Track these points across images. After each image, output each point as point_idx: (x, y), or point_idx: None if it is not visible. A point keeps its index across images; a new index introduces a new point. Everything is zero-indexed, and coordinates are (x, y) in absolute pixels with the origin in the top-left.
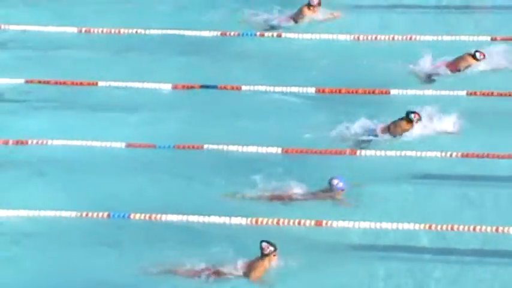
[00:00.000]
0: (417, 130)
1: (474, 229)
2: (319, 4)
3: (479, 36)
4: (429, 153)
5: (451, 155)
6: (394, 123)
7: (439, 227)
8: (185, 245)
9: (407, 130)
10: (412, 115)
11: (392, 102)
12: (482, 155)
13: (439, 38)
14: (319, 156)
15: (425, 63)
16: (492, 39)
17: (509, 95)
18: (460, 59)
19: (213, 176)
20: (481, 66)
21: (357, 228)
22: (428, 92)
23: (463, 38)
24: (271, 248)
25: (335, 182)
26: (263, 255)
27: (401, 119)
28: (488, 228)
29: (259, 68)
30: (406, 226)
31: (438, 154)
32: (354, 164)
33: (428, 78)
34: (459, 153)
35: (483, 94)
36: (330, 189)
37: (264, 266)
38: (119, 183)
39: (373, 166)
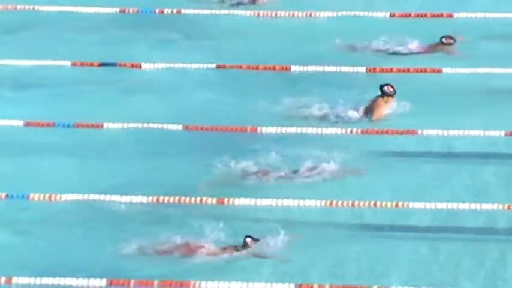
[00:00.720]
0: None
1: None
2: None
3: None
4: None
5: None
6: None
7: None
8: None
9: (386, 106)
10: (385, 87)
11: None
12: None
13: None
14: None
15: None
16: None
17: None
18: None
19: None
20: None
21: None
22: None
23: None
24: (253, 244)
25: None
26: (245, 247)
27: (376, 96)
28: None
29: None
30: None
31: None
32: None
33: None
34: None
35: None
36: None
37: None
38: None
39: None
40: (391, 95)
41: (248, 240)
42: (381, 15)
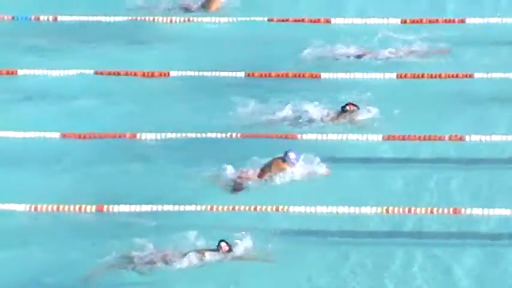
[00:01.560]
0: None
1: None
2: None
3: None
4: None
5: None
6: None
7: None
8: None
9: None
10: (347, 107)
11: (322, 86)
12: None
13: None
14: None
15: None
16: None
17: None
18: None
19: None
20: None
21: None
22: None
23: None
24: (227, 249)
25: (292, 155)
26: (218, 251)
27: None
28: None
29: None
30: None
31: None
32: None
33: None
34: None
35: (413, 76)
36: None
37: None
38: None
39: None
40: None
41: (223, 244)
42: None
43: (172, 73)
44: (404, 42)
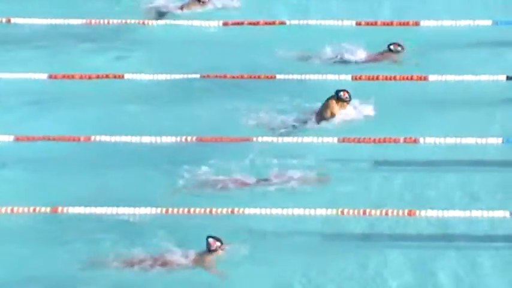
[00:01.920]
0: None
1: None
2: None
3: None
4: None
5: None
6: (323, 106)
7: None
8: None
9: (337, 111)
10: (341, 93)
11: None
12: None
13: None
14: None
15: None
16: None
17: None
18: (383, 53)
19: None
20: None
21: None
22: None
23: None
24: (218, 244)
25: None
26: (210, 251)
27: (330, 98)
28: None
29: None
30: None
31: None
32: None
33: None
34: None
35: (368, 78)
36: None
37: (213, 259)
38: None
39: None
40: (346, 101)
41: (211, 240)
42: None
43: (127, 75)
44: (358, 45)
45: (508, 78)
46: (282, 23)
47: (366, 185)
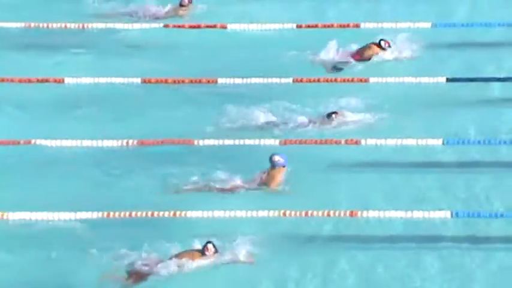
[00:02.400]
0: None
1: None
2: (190, 2)
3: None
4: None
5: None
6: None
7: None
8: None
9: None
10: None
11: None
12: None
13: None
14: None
15: (329, 53)
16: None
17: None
18: (365, 48)
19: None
20: (386, 54)
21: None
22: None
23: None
24: (214, 251)
25: (276, 158)
26: (203, 254)
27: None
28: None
29: None
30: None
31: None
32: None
33: (334, 68)
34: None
35: (309, 81)
36: (271, 166)
37: (203, 261)
38: None
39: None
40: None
41: (209, 246)
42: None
43: (67, 80)
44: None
45: (448, 80)
46: (223, 27)
47: (308, 187)
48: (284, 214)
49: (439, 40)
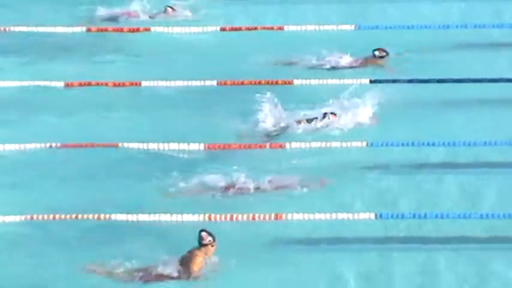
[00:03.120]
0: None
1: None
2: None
3: None
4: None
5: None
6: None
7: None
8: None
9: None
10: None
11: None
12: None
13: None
14: None
15: (330, 57)
16: None
17: None
18: (367, 59)
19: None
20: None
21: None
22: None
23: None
24: (210, 238)
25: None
26: (201, 245)
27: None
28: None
29: None
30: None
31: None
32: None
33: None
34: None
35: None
36: None
37: (201, 257)
38: None
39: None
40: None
41: (203, 234)
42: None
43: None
44: None
45: (371, 81)
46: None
47: None
48: (209, 218)
49: (362, 42)
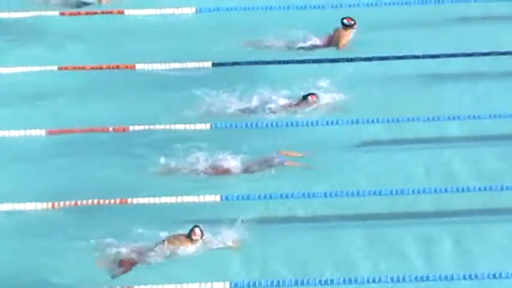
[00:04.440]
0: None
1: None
2: None
3: None
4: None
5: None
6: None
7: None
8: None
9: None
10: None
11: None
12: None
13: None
14: None
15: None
16: None
17: None
18: (334, 35)
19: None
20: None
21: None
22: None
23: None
24: (200, 234)
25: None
26: (190, 239)
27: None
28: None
29: None
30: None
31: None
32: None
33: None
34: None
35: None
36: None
37: (184, 244)
38: None
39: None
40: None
41: (196, 230)
42: None
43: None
44: None
45: (214, 64)
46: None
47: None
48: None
49: (202, 27)
